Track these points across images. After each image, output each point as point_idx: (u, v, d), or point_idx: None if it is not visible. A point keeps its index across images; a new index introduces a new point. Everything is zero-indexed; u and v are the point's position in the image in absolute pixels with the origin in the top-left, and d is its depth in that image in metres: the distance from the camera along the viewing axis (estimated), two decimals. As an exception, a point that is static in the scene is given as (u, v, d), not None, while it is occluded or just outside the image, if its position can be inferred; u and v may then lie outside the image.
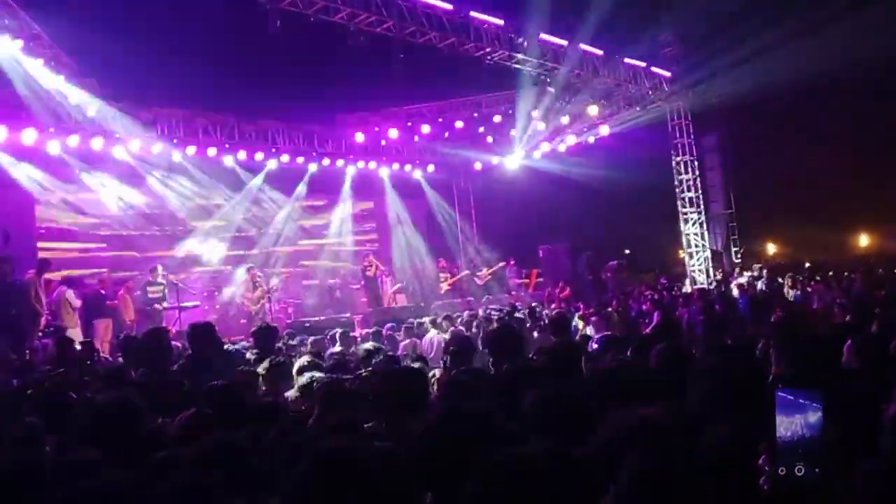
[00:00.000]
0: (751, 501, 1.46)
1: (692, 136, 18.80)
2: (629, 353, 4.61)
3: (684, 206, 18.98)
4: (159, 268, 13.71)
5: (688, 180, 18.85)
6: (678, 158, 18.88)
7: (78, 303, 11.57)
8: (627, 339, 5.73)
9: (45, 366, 7.46)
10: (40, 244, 14.16)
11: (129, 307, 12.76)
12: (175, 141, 15.20)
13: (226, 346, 7.01)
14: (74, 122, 13.37)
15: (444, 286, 17.86)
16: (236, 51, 15.89)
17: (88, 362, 5.47)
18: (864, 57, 17.17)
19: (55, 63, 12.13)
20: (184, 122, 15.24)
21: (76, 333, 10.95)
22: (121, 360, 7.82)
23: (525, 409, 2.78)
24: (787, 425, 1.40)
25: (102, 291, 12.93)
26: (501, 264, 19.24)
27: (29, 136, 12.88)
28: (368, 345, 6.81)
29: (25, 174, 13.84)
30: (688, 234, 19.07)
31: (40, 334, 10.29)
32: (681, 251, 21.89)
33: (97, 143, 13.99)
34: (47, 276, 11.11)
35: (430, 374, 4.99)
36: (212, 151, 15.82)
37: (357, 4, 12.05)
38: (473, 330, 10.59)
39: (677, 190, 18.96)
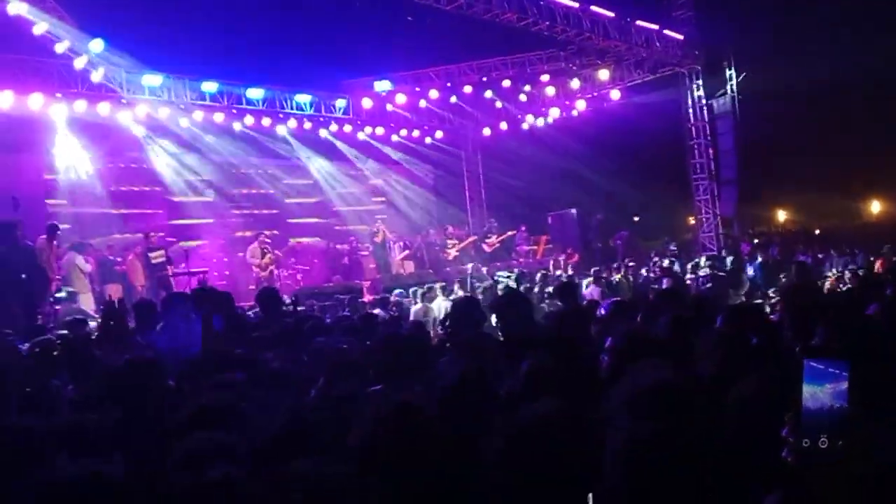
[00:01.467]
0: (775, 470, 1.45)
1: (704, 101, 18.53)
2: (639, 319, 4.59)
3: (695, 172, 18.80)
4: (152, 234, 13.78)
5: (699, 145, 18.63)
6: (689, 123, 18.64)
7: (89, 267, 11.64)
8: (635, 304, 5.71)
9: (56, 329, 7.54)
10: (51, 209, 14.18)
11: (138, 272, 12.81)
12: (182, 106, 15.14)
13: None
14: (81, 86, 13.31)
15: (453, 252, 17.85)
16: (242, 16, 15.67)
17: (111, 323, 5.50)
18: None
19: (61, 27, 12.04)
20: (191, 88, 15.17)
21: (87, 299, 11.06)
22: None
23: (522, 375, 2.78)
24: (814, 396, 1.37)
25: (111, 257, 13.02)
26: (511, 231, 19.16)
27: (36, 100, 12.83)
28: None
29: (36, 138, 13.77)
30: (698, 200, 18.92)
31: (52, 299, 10.37)
32: (690, 217, 21.76)
33: (104, 109, 13.94)
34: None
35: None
36: (218, 117, 15.75)
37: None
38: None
39: (688, 155, 18.76)
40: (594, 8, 15.44)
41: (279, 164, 18.41)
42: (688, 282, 13.90)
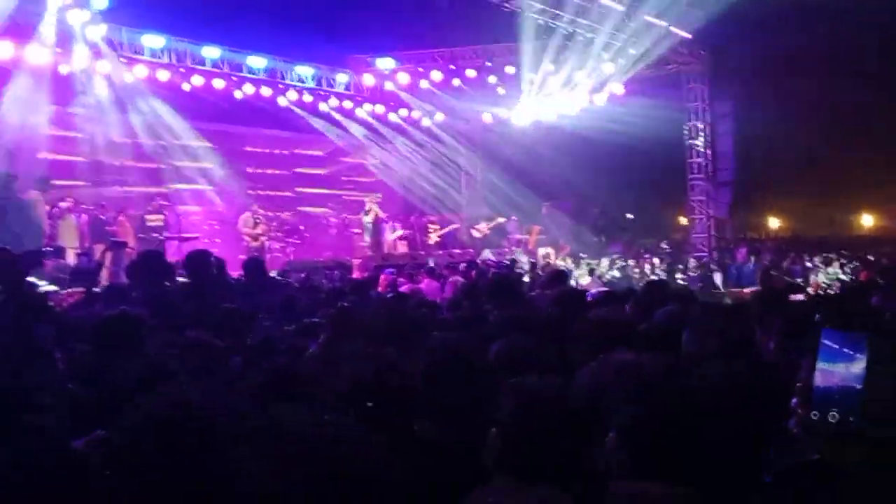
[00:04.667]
0: (772, 444, 1.46)
1: (707, 101, 18.52)
2: (627, 308, 4.61)
3: (692, 172, 18.82)
4: (158, 199, 13.72)
5: (698, 146, 18.65)
6: (690, 123, 18.64)
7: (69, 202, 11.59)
8: (625, 295, 5.72)
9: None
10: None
11: (128, 234, 12.73)
12: (182, 70, 15.00)
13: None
14: (81, 43, 13.12)
15: (434, 237, 17.85)
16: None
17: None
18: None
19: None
20: (192, 51, 15.03)
21: (73, 255, 10.99)
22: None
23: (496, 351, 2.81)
24: (827, 371, 1.35)
25: (102, 217, 12.93)
26: (501, 219, 19.12)
27: (36, 53, 12.62)
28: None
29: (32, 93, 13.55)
30: (693, 201, 18.96)
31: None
32: (682, 217, 21.84)
33: (104, 66, 13.77)
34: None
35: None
36: (219, 83, 15.61)
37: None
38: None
39: (686, 154, 18.78)
40: (605, 1, 15.35)
41: (276, 135, 18.33)
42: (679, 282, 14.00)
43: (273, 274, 10.10)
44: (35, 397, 1.99)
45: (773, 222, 30.78)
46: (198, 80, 15.29)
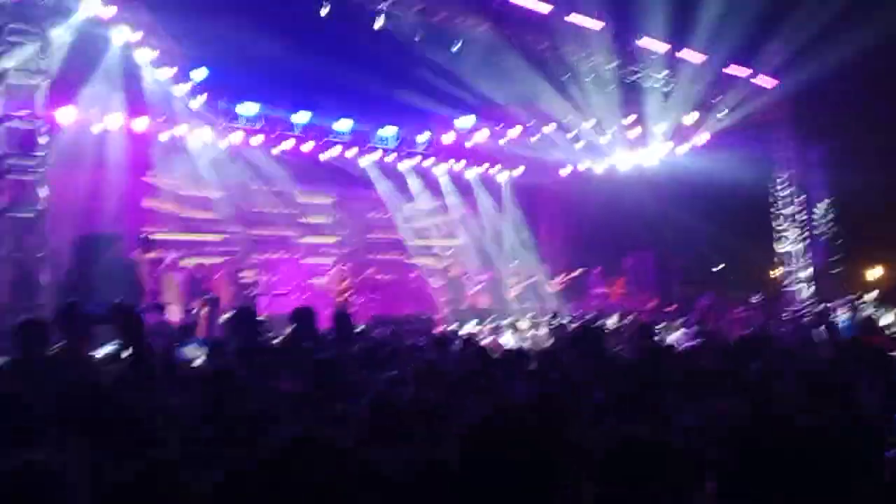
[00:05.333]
0: (877, 484, 1.41)
1: (796, 150, 17.95)
2: (719, 359, 4.47)
3: (784, 223, 18.15)
4: (250, 254, 14.33)
5: (787, 196, 18.01)
6: (780, 171, 18.07)
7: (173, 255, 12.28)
8: (716, 348, 5.56)
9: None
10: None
11: (226, 290, 13.32)
12: (274, 135, 15.82)
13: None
14: (182, 111, 14.06)
15: (513, 292, 17.80)
16: (330, 48, 16.29)
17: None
18: None
19: (167, 56, 12.78)
20: (283, 118, 15.88)
21: (175, 310, 11.59)
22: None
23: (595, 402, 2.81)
24: None
25: (198, 275, 13.59)
26: (579, 271, 18.89)
27: (141, 123, 13.61)
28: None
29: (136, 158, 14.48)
30: (786, 252, 18.22)
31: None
32: (773, 270, 20.92)
33: (205, 134, 14.69)
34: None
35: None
36: (307, 147, 16.34)
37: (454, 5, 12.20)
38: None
39: (778, 205, 18.16)
40: (684, 52, 15.29)
41: (357, 195, 18.90)
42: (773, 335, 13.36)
43: (358, 328, 10.30)
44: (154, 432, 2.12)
45: (876, 272, 29.05)
46: (288, 144, 16.08)
